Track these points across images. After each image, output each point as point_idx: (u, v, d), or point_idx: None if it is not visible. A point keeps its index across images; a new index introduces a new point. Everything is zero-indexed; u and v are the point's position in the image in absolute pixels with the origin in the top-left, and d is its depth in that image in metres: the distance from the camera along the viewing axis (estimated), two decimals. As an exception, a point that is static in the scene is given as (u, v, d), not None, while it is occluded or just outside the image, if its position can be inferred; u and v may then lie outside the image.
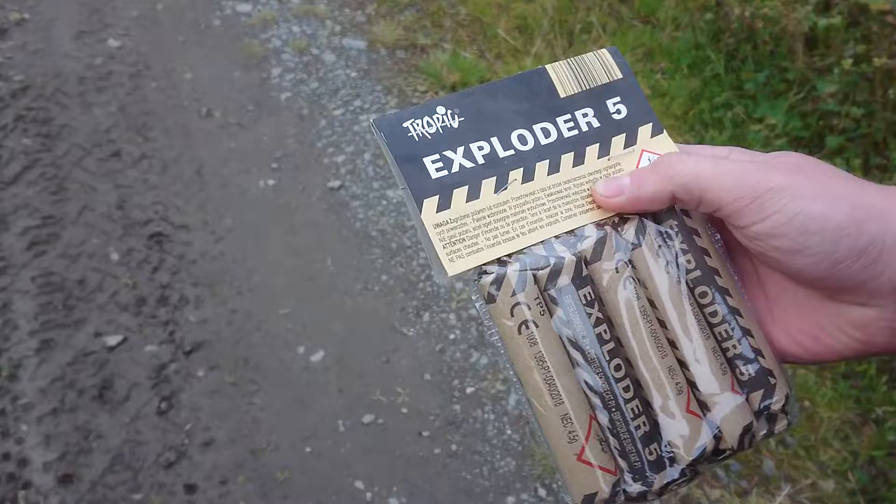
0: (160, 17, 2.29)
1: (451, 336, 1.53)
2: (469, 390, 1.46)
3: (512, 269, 0.35)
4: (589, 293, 0.35)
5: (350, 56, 2.17)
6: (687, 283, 0.36)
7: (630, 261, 0.36)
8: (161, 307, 1.57)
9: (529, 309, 0.34)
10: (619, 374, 0.35)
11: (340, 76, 2.11)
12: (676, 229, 0.37)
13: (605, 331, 0.35)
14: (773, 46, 1.96)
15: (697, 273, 0.36)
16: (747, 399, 0.36)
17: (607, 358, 0.35)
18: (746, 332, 0.36)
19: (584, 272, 0.36)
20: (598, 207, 0.37)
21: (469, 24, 2.23)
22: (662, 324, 0.36)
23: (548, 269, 0.35)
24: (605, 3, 2.22)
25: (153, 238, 1.69)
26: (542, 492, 1.34)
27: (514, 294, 0.34)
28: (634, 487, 0.35)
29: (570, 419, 0.34)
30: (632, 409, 0.35)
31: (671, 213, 0.37)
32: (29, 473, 1.32)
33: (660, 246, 0.37)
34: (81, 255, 1.64)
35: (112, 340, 1.50)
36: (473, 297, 0.36)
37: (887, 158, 1.68)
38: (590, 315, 0.35)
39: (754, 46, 1.98)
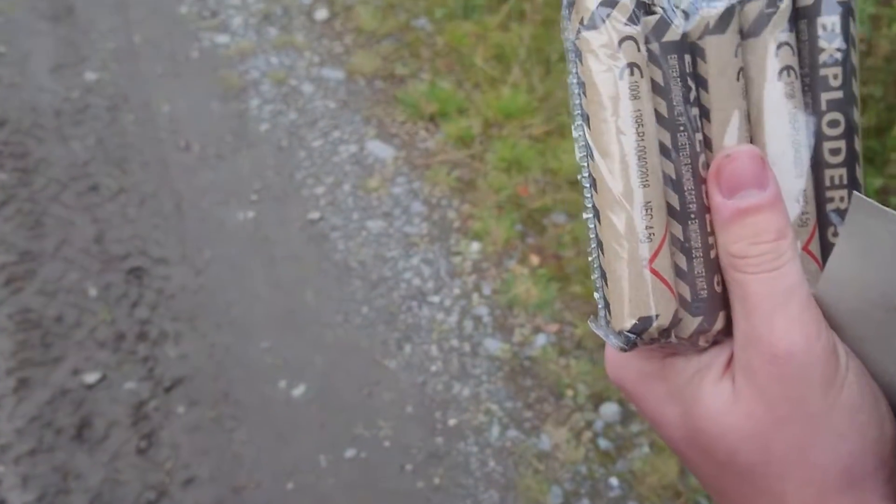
0: (138, 49, 2.29)
1: (433, 368, 1.53)
2: (451, 422, 1.45)
3: None
4: (691, 65, 0.27)
5: (329, 87, 2.18)
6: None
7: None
8: (140, 343, 1.55)
9: (639, 51, 0.26)
10: (704, 175, 0.27)
11: (319, 107, 2.11)
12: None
13: (699, 117, 0.28)
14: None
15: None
16: None
17: (699, 150, 0.27)
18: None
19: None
20: None
21: (446, 53, 2.25)
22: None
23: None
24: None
25: (132, 272, 1.68)
26: (526, 524, 1.33)
27: (629, 23, 0.26)
28: (692, 322, 0.27)
29: (652, 210, 0.26)
30: (710, 224, 0.27)
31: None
32: (6, 516, 1.30)
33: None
34: (59, 291, 1.63)
35: (90, 378, 1.49)
36: (563, 24, 0.27)
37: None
38: (689, 91, 0.27)
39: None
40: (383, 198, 1.86)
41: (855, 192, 0.25)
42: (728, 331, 0.28)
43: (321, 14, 2.43)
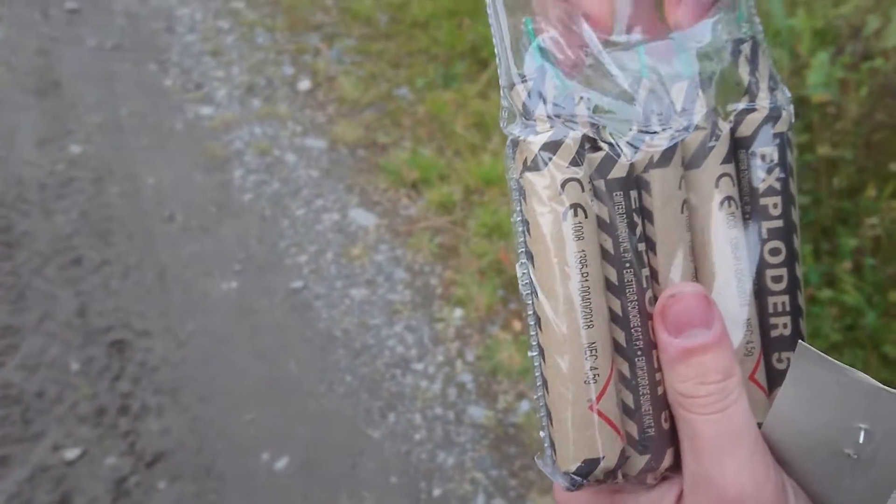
0: (123, 122, 2.32)
1: (417, 436, 1.53)
2: (436, 492, 1.44)
3: (574, 135, 0.27)
4: (637, 199, 0.28)
5: (311, 156, 2.21)
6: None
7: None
8: (121, 417, 1.54)
9: (583, 191, 0.26)
10: (651, 310, 0.27)
11: (302, 176, 2.14)
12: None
13: (646, 251, 0.28)
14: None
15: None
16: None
17: (645, 286, 0.27)
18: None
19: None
20: None
21: (427, 122, 2.29)
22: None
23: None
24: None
25: (114, 346, 1.67)
26: None
27: (572, 165, 0.26)
28: (640, 461, 0.27)
29: (596, 351, 0.26)
30: (657, 359, 0.27)
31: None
32: None
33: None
34: (40, 365, 1.62)
35: (71, 454, 1.47)
36: (507, 163, 0.27)
37: (835, 245, 1.73)
38: (634, 227, 0.27)
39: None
40: (366, 265, 1.87)
41: (800, 342, 0.26)
42: (677, 466, 0.28)
43: (304, 84, 2.47)
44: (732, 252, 0.28)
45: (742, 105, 0.29)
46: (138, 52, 2.60)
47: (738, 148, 0.29)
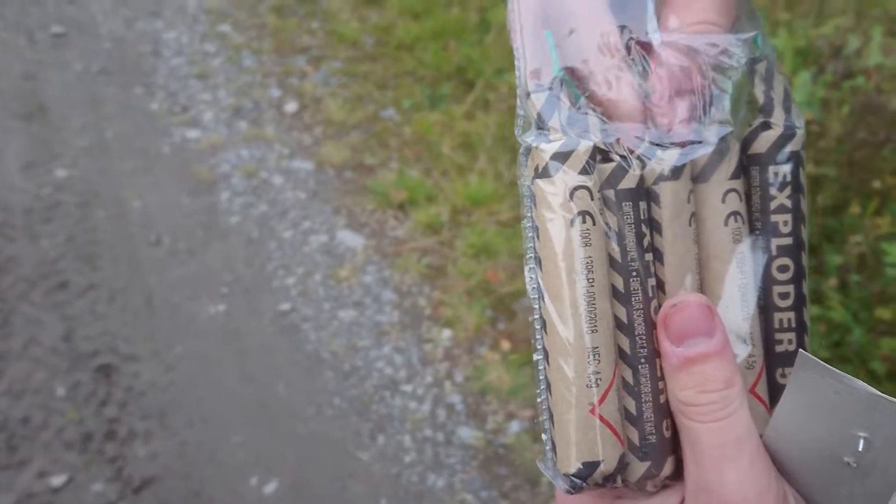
0: (110, 145, 2.32)
1: (407, 458, 1.52)
2: (427, 515, 1.43)
3: (585, 144, 0.27)
4: (646, 210, 0.28)
5: (298, 178, 2.21)
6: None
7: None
8: (108, 443, 1.53)
9: (592, 199, 0.27)
10: (656, 319, 0.28)
11: (289, 198, 2.14)
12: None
13: (653, 262, 0.28)
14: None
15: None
16: None
17: (651, 295, 0.28)
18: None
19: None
20: None
21: (414, 143, 2.30)
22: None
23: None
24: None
25: (100, 370, 1.66)
26: None
27: (582, 173, 0.27)
28: (640, 467, 0.28)
29: (599, 356, 0.27)
30: (661, 368, 0.28)
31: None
32: None
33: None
34: (26, 391, 1.61)
35: (57, 481, 1.46)
36: (519, 170, 0.28)
37: (821, 262, 1.75)
38: (643, 237, 0.28)
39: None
40: (354, 287, 1.87)
41: (801, 351, 0.26)
42: (678, 474, 0.28)
43: (291, 107, 2.48)
44: (738, 267, 0.29)
45: (757, 122, 0.30)
46: (125, 75, 2.60)
47: (752, 164, 0.30)
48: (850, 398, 0.25)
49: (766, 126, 0.30)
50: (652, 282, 0.28)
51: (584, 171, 0.27)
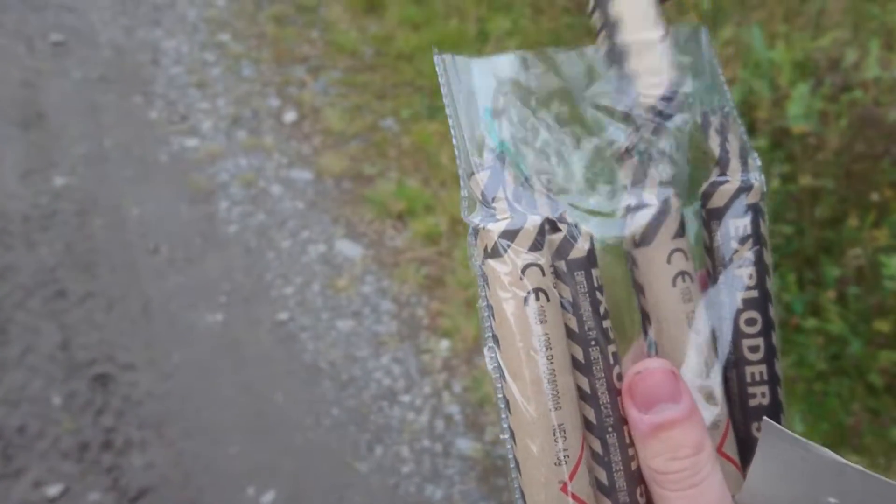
0: (108, 153, 2.32)
1: (405, 469, 1.51)
2: (424, 526, 1.43)
3: (532, 220, 0.27)
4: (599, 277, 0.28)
5: (297, 187, 2.21)
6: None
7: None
8: (105, 452, 1.52)
9: (544, 275, 0.26)
10: (619, 386, 0.28)
11: (288, 208, 2.14)
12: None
13: (611, 327, 0.28)
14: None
15: None
16: None
17: (612, 362, 0.27)
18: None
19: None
20: None
21: (413, 153, 2.30)
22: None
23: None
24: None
25: (97, 379, 1.66)
26: None
27: (531, 250, 0.26)
28: None
29: (565, 432, 0.26)
30: (629, 434, 0.27)
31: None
32: None
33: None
34: (22, 400, 1.60)
35: (53, 491, 1.45)
36: (470, 251, 0.28)
37: (819, 274, 1.75)
38: (598, 304, 0.27)
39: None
40: (353, 297, 1.86)
41: (765, 418, 0.26)
42: None
43: (290, 116, 2.48)
44: (690, 327, 0.29)
45: (714, 176, 0.30)
46: (123, 84, 2.60)
47: (712, 219, 0.30)
48: (817, 465, 0.25)
49: (723, 180, 0.29)
50: (612, 348, 0.28)
51: (534, 248, 0.26)
